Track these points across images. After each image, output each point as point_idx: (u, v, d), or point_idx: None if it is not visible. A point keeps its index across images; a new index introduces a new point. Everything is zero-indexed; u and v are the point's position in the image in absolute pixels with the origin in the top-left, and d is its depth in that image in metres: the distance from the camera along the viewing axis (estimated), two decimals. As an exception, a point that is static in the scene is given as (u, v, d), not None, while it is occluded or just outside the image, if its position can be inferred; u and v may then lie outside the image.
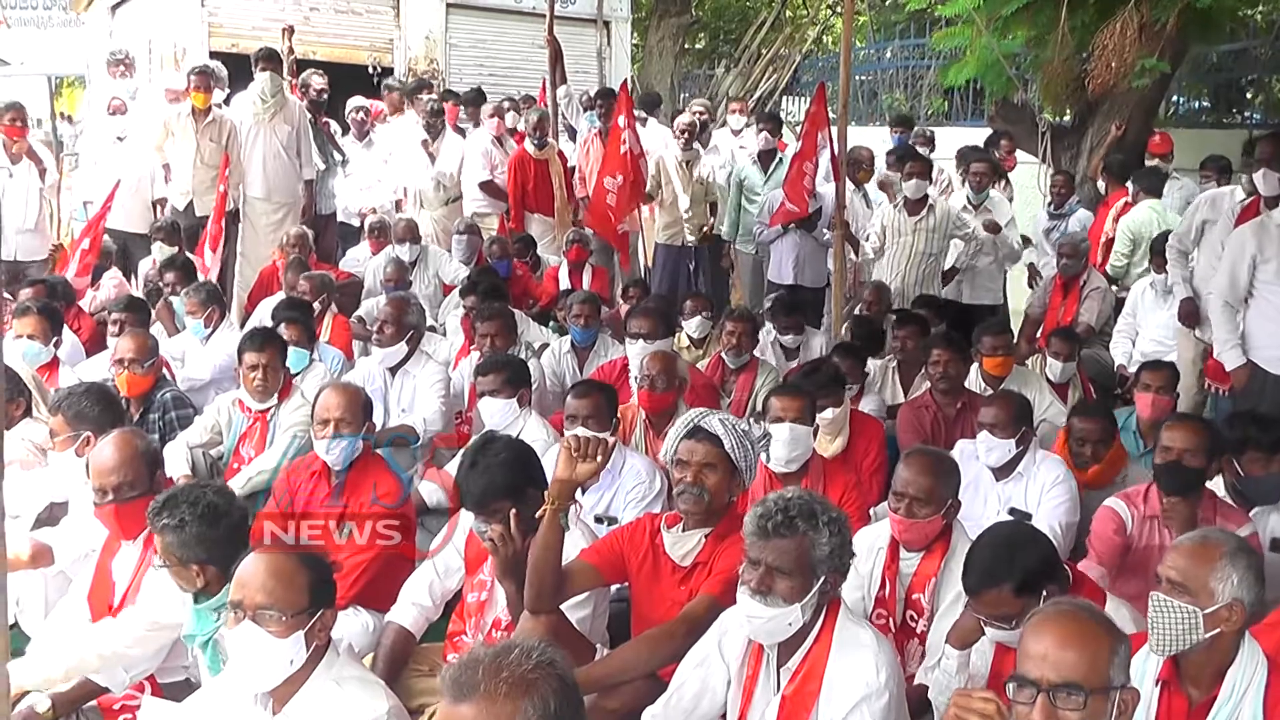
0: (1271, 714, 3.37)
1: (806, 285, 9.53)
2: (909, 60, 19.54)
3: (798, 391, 5.50)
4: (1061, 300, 9.08)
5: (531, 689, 2.45)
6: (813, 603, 3.50)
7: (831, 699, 3.43)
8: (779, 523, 3.48)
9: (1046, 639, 2.80)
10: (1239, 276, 6.32)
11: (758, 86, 20.29)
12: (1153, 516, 4.94)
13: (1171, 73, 11.79)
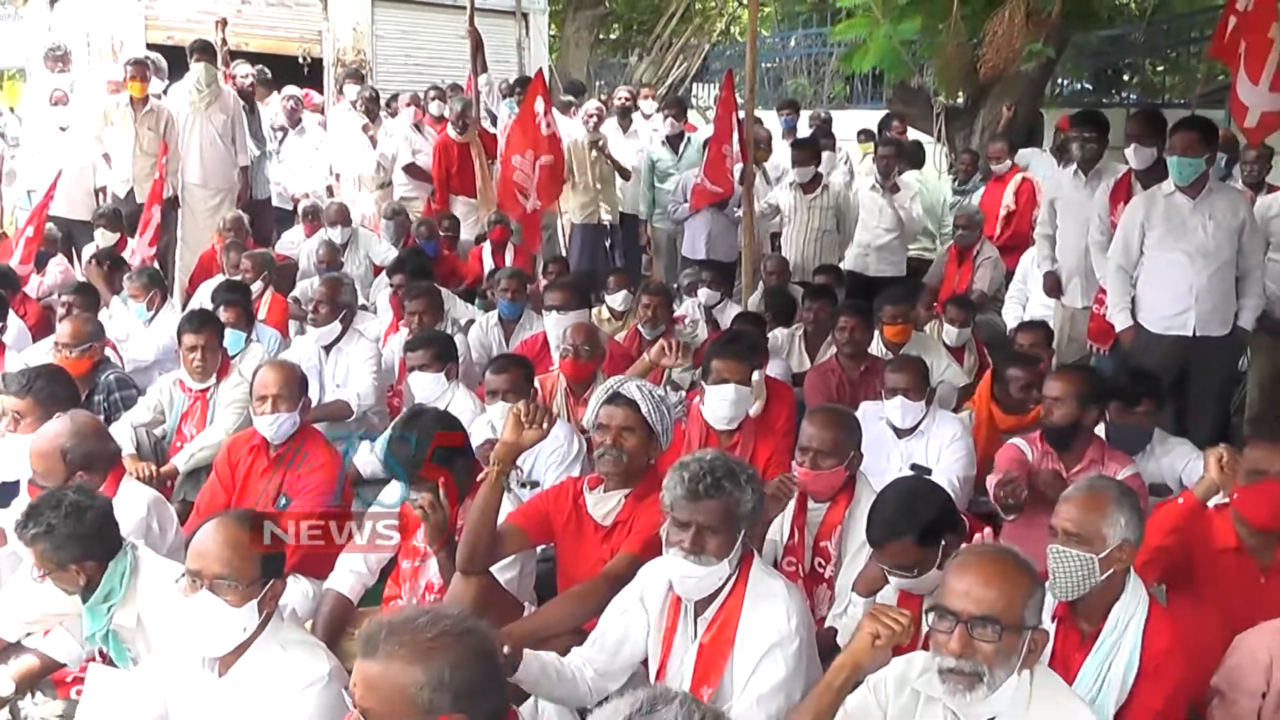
0: (1150, 643, 3.44)
1: (719, 259, 9.56)
2: (811, 48, 19.66)
3: (740, 355, 5.51)
4: (956, 269, 9.16)
5: (429, 657, 2.45)
6: (736, 556, 3.52)
7: (745, 646, 3.44)
8: (708, 485, 3.47)
9: (970, 576, 2.83)
10: (1131, 244, 6.38)
11: (670, 74, 20.32)
12: (1046, 453, 5.06)
13: (1056, 57, 11.95)
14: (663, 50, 21.05)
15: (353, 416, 6.65)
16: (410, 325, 7.14)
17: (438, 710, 2.44)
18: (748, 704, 3.37)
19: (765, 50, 19.75)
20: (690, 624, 3.58)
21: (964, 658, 2.74)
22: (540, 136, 9.57)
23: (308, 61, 16.48)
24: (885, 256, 9.58)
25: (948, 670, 2.77)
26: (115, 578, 3.82)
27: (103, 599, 3.82)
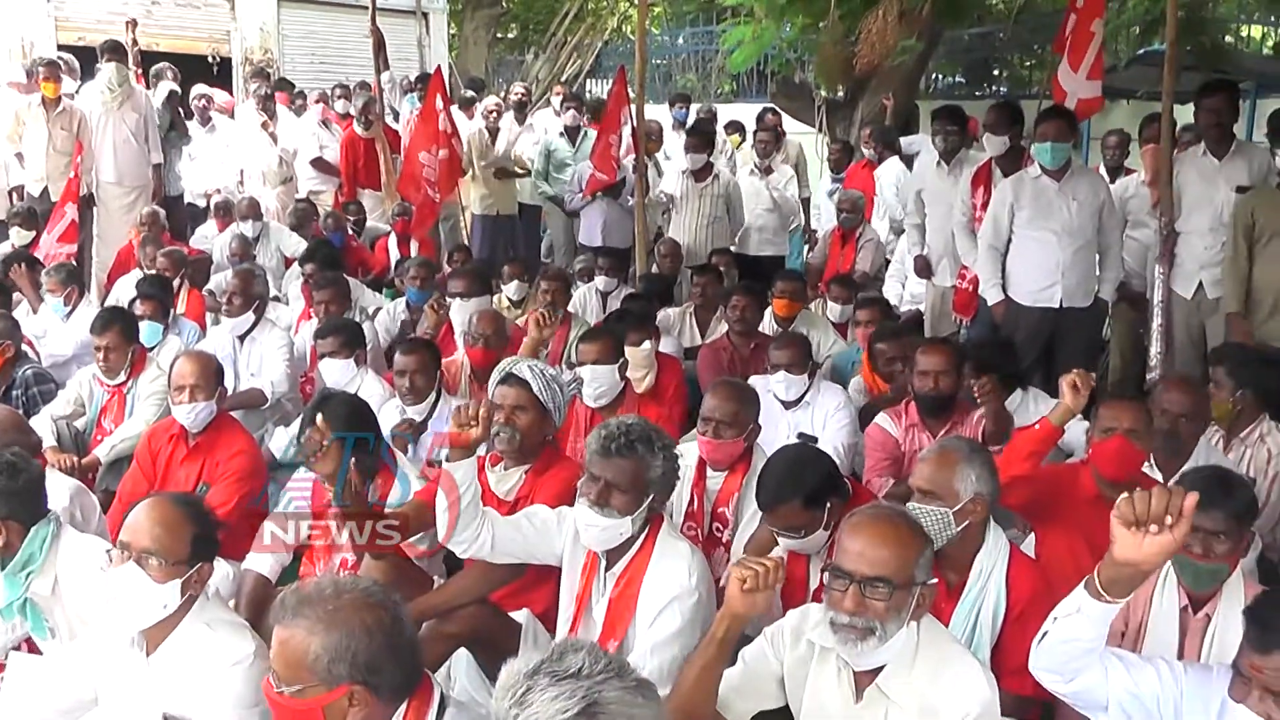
0: (1012, 588, 3.54)
1: (614, 246, 9.57)
2: (699, 45, 19.69)
3: (596, 335, 5.62)
4: (840, 250, 9.26)
5: (331, 627, 2.45)
6: (641, 517, 3.54)
7: (649, 599, 3.47)
8: (620, 444, 3.52)
9: (863, 538, 2.84)
10: (1001, 224, 6.49)
11: (564, 71, 20.23)
12: (913, 425, 5.13)
13: (928, 53, 12.10)
14: (558, 48, 20.95)
15: (267, 404, 6.58)
16: (319, 314, 7.08)
17: (337, 679, 2.45)
18: (643, 652, 3.41)
19: (655, 48, 19.75)
20: (602, 579, 3.61)
21: (857, 614, 2.77)
22: (438, 131, 9.50)
23: (217, 61, 16.18)
24: (765, 237, 9.71)
25: (842, 625, 2.79)
26: (35, 543, 3.75)
27: (21, 566, 3.73)
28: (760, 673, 3.04)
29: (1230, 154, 6.39)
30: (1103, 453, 4.16)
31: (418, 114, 10.95)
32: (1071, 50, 6.97)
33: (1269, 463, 4.91)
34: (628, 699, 2.01)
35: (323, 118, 11.81)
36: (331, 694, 2.46)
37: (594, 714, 1.96)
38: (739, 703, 3.02)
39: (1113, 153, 8.95)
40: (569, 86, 16.42)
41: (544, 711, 1.96)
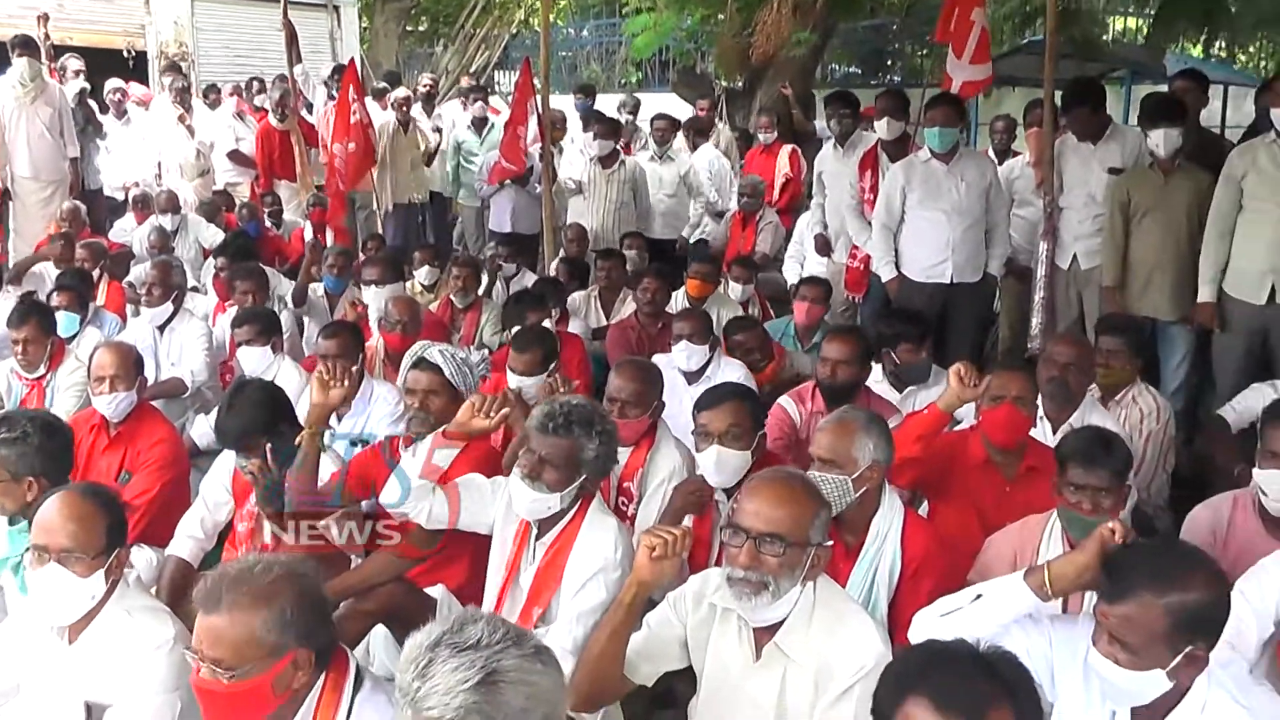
0: (907, 548, 3.59)
1: (523, 233, 9.55)
2: (603, 37, 19.68)
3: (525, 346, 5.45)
4: (741, 232, 9.31)
5: (270, 598, 2.46)
6: (571, 494, 3.55)
7: (575, 570, 3.49)
8: (558, 424, 3.53)
9: (760, 497, 2.85)
10: (893, 205, 6.57)
11: (473, 63, 20.08)
12: (818, 412, 5.07)
13: (823, 43, 12.18)
14: (466, 41, 20.78)
15: (188, 392, 6.49)
16: (241, 303, 6.95)
17: (285, 647, 2.46)
18: (565, 621, 3.43)
19: (561, 40, 19.74)
20: (532, 548, 3.62)
21: (751, 569, 2.78)
22: (349, 123, 9.40)
23: (132, 55, 15.83)
24: (668, 220, 9.78)
25: (737, 579, 2.80)
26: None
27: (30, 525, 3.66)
28: (664, 636, 3.05)
29: (1104, 138, 6.51)
30: (992, 420, 4.24)
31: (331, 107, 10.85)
32: (955, 37, 7.06)
33: (1142, 421, 5.08)
34: (526, 666, 2.02)
35: (238, 110, 11.63)
36: (279, 664, 2.47)
37: (494, 682, 1.97)
38: (644, 665, 3.04)
39: (1001, 137, 9.13)
40: (477, 78, 16.28)
41: (445, 682, 1.96)
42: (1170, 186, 6.06)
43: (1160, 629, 2.48)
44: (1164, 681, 2.52)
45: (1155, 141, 6.00)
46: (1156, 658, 2.50)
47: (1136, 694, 2.57)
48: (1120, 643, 2.52)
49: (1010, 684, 2.06)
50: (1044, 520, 3.70)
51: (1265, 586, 3.23)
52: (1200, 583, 2.51)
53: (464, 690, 1.95)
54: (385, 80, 13.15)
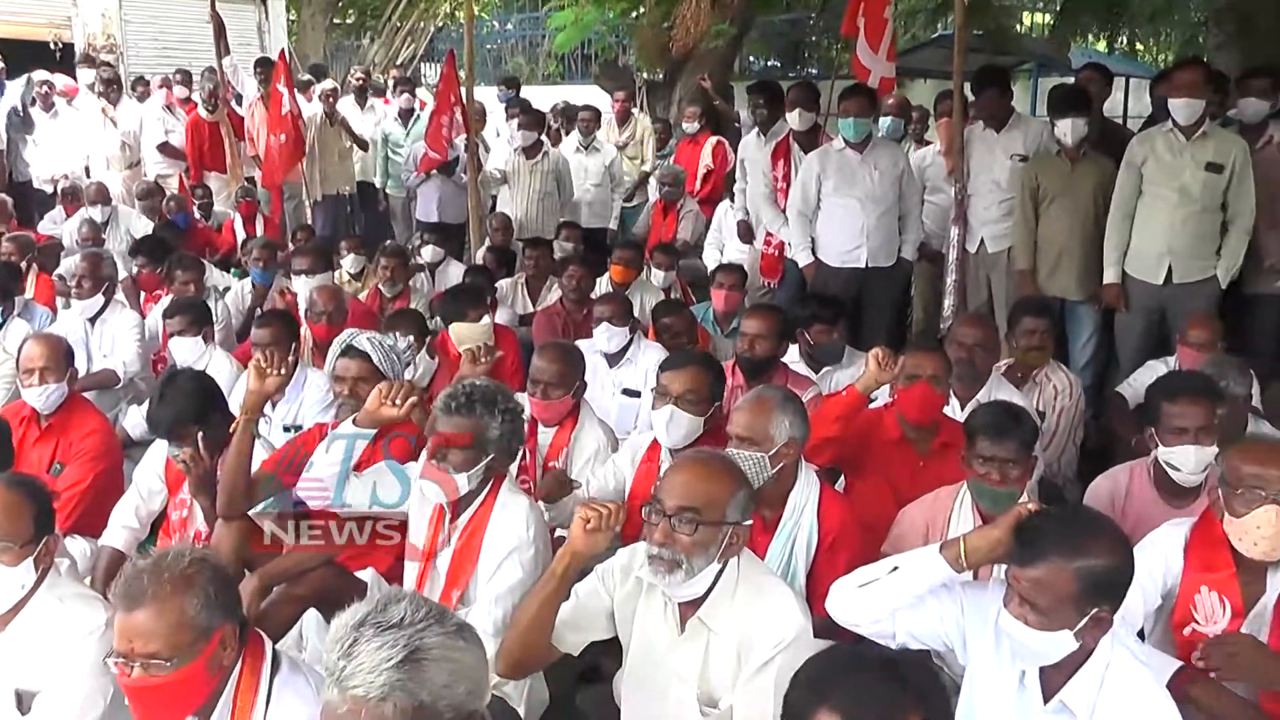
0: (823, 521, 3.64)
1: (449, 222, 9.50)
2: (527, 30, 19.61)
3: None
4: (662, 220, 9.34)
5: (192, 582, 2.47)
6: (479, 474, 3.53)
7: (490, 551, 3.48)
8: (460, 403, 3.52)
9: (680, 475, 2.86)
10: (809, 193, 6.61)
11: (399, 55, 19.90)
12: (738, 387, 5.12)
13: (740, 36, 12.22)
14: (392, 33, 20.59)
15: (120, 384, 6.40)
16: (181, 292, 6.86)
17: (214, 626, 2.48)
18: (485, 602, 3.42)
19: (487, 33, 19.63)
20: (447, 532, 3.61)
21: (665, 546, 2.78)
22: (279, 115, 9.28)
23: (59, 47, 15.47)
24: (595, 209, 9.82)
25: (653, 556, 2.81)
26: None
27: None
28: (592, 607, 3.05)
29: (1008, 126, 6.63)
30: (907, 398, 4.31)
31: (258, 99, 10.71)
32: (869, 33, 7.12)
33: (1055, 398, 5.20)
34: (448, 643, 2.01)
35: (167, 103, 11.39)
36: (211, 644, 2.49)
37: (417, 660, 1.97)
38: (571, 634, 3.03)
39: (917, 126, 9.22)
40: (404, 71, 16.13)
41: (369, 661, 1.95)
42: (1076, 173, 6.19)
43: (1069, 592, 2.53)
44: (1071, 642, 2.57)
45: (1062, 131, 6.13)
46: (1064, 619, 2.55)
47: (1045, 654, 2.62)
48: (1030, 605, 2.56)
49: (920, 689, 2.03)
50: (954, 492, 3.77)
51: (1152, 560, 3.29)
52: (1107, 548, 2.56)
53: (388, 668, 1.95)
54: (311, 73, 13.02)
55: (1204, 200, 5.76)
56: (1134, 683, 2.62)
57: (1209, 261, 5.84)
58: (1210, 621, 3.20)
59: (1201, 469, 3.77)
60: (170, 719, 2.53)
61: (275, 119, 9.49)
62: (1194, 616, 3.22)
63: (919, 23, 14.07)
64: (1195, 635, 3.20)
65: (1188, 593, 3.25)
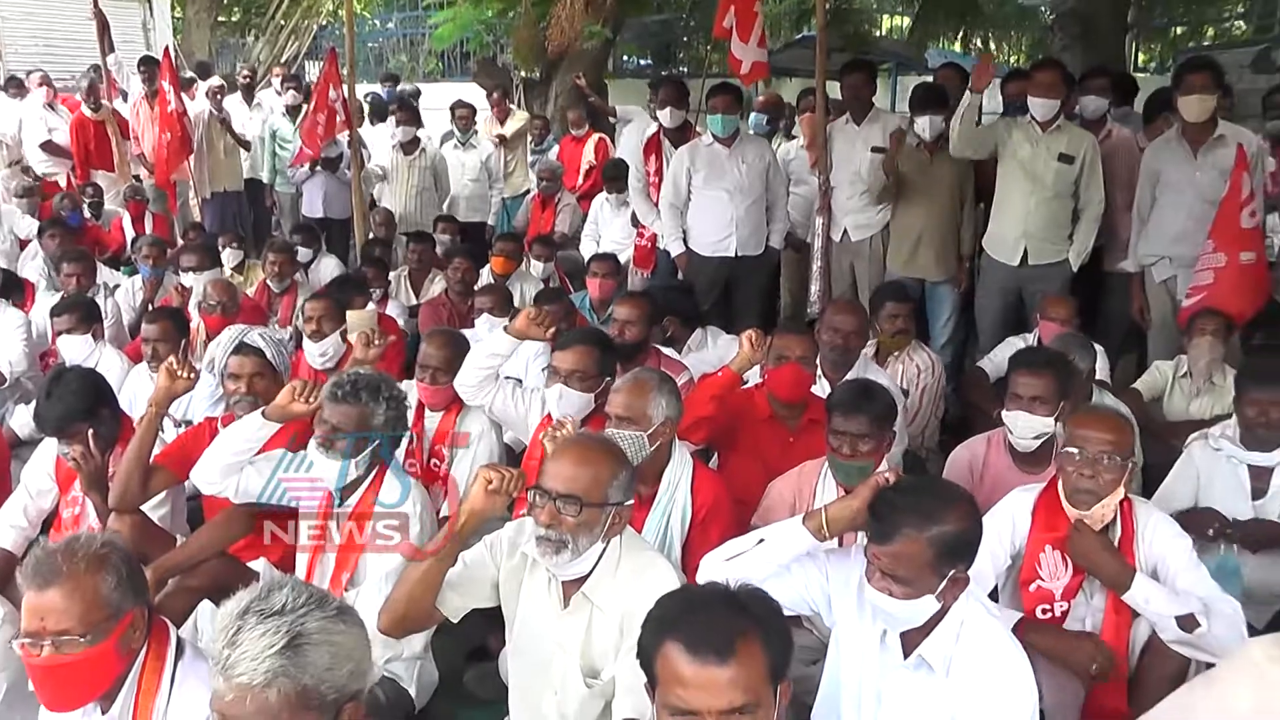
0: (696, 496, 3.71)
1: (335, 217, 9.39)
2: (408, 29, 19.39)
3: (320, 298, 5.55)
4: (541, 214, 9.33)
5: (105, 561, 2.45)
6: (366, 460, 3.55)
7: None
8: (346, 391, 3.54)
9: (562, 460, 2.86)
10: (680, 186, 6.67)
11: (284, 53, 19.49)
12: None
13: (614, 36, 12.24)
14: (276, 31, 20.15)
15: (6, 383, 6.20)
16: (67, 289, 6.70)
17: (125, 608, 2.47)
18: (374, 583, 3.44)
19: (369, 31, 19.36)
20: (336, 517, 3.61)
21: (551, 528, 2.80)
22: (165, 114, 9.06)
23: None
24: (473, 204, 9.81)
25: (539, 536, 2.82)
26: None
27: None
28: (478, 575, 3.05)
29: (867, 120, 6.75)
30: (777, 378, 4.40)
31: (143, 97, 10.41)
32: (740, 25, 7.19)
33: (918, 376, 5.35)
34: (329, 627, 2.02)
35: (48, 100, 11.00)
36: (122, 624, 2.46)
37: (299, 645, 1.97)
38: (455, 598, 3.03)
39: (787, 121, 9.31)
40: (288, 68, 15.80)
41: (253, 649, 1.95)
42: (934, 165, 6.40)
43: (926, 560, 2.61)
44: (934, 604, 2.66)
45: (921, 126, 6.33)
46: (926, 586, 2.63)
47: (911, 619, 2.70)
48: (892, 577, 2.64)
49: (758, 616, 2.11)
50: (818, 466, 3.87)
51: (1001, 524, 3.44)
52: (955, 514, 2.64)
53: (270, 655, 1.95)
54: (195, 71, 12.68)
55: (1056, 188, 5.99)
56: (987, 636, 2.72)
57: (1062, 245, 6.08)
58: (1053, 578, 3.35)
59: (1032, 435, 3.95)
60: (77, 701, 2.49)
61: (162, 117, 9.25)
62: (1039, 573, 3.37)
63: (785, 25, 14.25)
64: (1040, 591, 3.36)
65: (1033, 552, 3.40)
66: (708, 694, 2.01)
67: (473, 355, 4.37)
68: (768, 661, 2.07)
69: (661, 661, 2.07)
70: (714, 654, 2.01)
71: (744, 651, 2.03)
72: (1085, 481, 3.26)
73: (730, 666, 2.01)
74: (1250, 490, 4.15)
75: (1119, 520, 3.33)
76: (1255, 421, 4.10)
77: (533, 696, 3.04)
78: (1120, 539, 3.31)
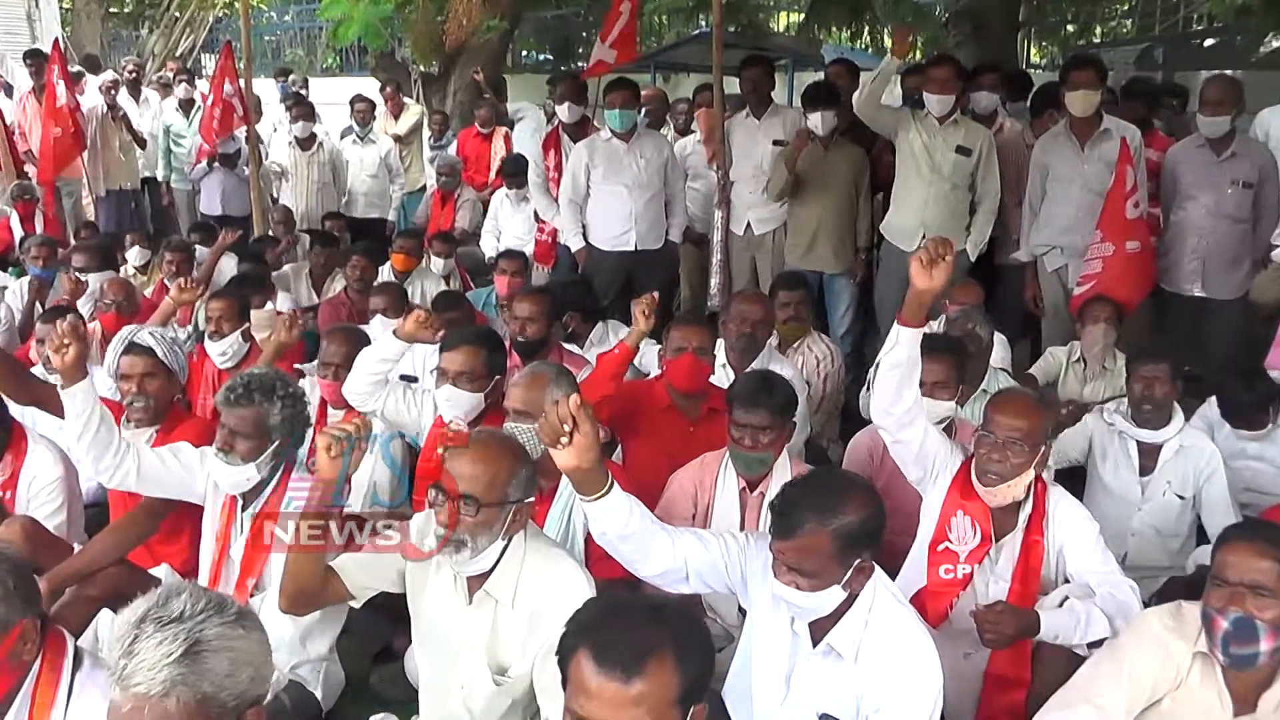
0: None
1: (234, 215, 9.19)
2: (305, 22, 19.07)
3: (222, 296, 5.44)
4: (441, 210, 9.24)
5: None
6: (268, 462, 3.46)
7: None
8: (239, 394, 3.43)
9: (462, 459, 2.83)
10: (579, 181, 6.64)
11: (179, 46, 19.01)
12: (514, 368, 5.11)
13: (512, 30, 12.16)
14: (170, 24, 19.64)
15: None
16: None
17: (14, 618, 2.36)
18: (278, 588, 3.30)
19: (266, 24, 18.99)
20: (240, 521, 3.53)
21: (450, 528, 2.78)
22: (55, 109, 8.78)
23: None
24: (371, 199, 9.67)
25: (440, 536, 2.80)
26: None
27: None
28: (386, 560, 3.03)
29: (767, 114, 6.80)
30: (676, 368, 4.40)
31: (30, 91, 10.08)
32: (605, 25, 7.23)
33: (819, 366, 5.40)
34: (228, 633, 1.97)
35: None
36: (10, 637, 2.36)
37: (197, 653, 1.93)
38: (361, 575, 3.01)
39: (681, 117, 9.24)
40: (183, 62, 15.42)
41: (150, 658, 1.90)
42: (829, 159, 6.46)
43: (830, 552, 2.62)
44: (840, 594, 2.67)
45: (815, 121, 6.35)
46: (832, 576, 2.65)
47: (819, 610, 2.71)
48: (798, 571, 2.65)
49: (677, 634, 2.01)
50: (719, 457, 3.88)
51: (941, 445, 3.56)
52: (856, 503, 2.66)
53: (168, 664, 1.90)
54: (83, 64, 12.26)
55: (954, 179, 6.10)
56: (895, 622, 2.76)
57: (959, 236, 6.16)
58: (961, 543, 3.44)
59: (935, 420, 3.97)
60: None
61: (51, 112, 8.96)
62: (948, 536, 3.45)
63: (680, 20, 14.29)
64: (946, 552, 3.45)
65: (946, 515, 3.48)
66: (608, 709, 1.93)
67: (361, 361, 4.28)
68: (680, 683, 1.97)
69: (573, 667, 2.00)
70: (621, 669, 1.94)
71: (654, 670, 1.94)
72: (993, 465, 3.35)
73: (636, 684, 1.93)
74: (1139, 466, 4.38)
75: (1031, 499, 3.42)
76: (1142, 397, 4.32)
77: (440, 693, 3.02)
78: (1031, 517, 3.40)
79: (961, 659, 3.30)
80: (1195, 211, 5.81)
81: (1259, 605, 2.55)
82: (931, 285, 3.05)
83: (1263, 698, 2.67)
